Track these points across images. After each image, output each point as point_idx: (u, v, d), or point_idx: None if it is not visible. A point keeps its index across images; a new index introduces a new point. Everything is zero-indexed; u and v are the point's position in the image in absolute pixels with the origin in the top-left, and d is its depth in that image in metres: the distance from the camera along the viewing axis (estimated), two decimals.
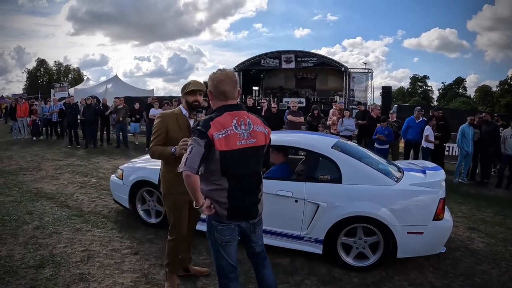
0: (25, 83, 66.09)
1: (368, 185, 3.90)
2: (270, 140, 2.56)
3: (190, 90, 3.21)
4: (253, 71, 21.28)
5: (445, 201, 3.99)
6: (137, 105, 13.26)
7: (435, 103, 62.54)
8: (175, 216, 3.31)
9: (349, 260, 3.95)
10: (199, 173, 2.33)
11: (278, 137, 4.87)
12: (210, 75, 2.46)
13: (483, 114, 9.47)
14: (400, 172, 4.34)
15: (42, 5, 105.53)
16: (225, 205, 2.38)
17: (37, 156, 10.55)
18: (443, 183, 4.10)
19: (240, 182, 2.39)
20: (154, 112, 11.88)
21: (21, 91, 41.32)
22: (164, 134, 3.19)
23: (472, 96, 64.35)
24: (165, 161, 3.24)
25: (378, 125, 9.30)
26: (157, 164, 5.02)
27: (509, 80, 59.38)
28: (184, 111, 3.29)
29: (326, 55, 21.22)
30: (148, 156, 6.27)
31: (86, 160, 10.05)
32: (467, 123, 8.95)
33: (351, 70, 19.18)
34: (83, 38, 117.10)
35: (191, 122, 3.27)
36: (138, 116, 13.25)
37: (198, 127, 2.30)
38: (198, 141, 2.26)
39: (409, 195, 3.89)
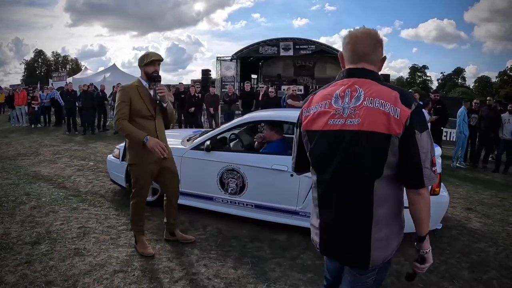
0: (23, 74, 65.87)
1: None
2: (410, 132, 1.47)
3: (150, 61, 3.32)
4: (251, 59, 21.06)
5: (441, 177, 3.98)
6: None
7: None
8: (140, 184, 3.48)
9: None
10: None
11: (274, 114, 4.88)
12: (344, 35, 1.71)
13: (488, 98, 9.47)
14: None
15: None
16: (318, 219, 1.71)
17: (35, 142, 10.53)
18: (439, 159, 4.08)
19: (330, 187, 1.62)
20: None
21: (19, 82, 41.24)
22: (127, 105, 3.27)
23: (471, 87, 64.24)
24: (131, 141, 3.34)
25: None
26: None
27: (508, 71, 59.36)
28: (144, 83, 3.40)
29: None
30: None
31: (84, 145, 10.04)
32: (463, 107, 9.00)
33: None
34: (81, 29, 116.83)
35: (151, 92, 3.40)
36: None
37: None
38: (295, 132, 1.80)
39: None
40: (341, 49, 1.73)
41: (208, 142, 4.33)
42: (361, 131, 1.49)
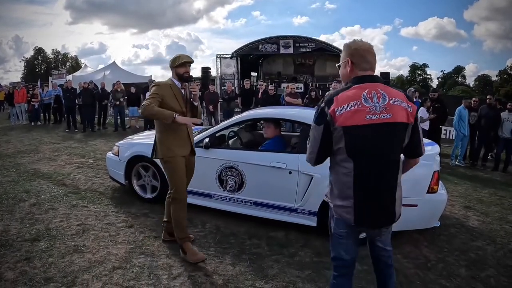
0: (23, 72, 65.77)
1: None
2: (416, 120, 2.08)
3: (181, 62, 3.40)
4: (251, 57, 21.02)
5: (440, 175, 3.98)
6: (133, 89, 13.13)
7: None
8: (178, 177, 3.41)
9: None
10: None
11: (273, 111, 4.88)
12: (348, 44, 2.13)
13: (488, 97, 9.47)
14: None
15: None
16: (350, 199, 2.06)
17: (35, 140, 10.53)
18: (437, 157, 4.08)
19: (369, 168, 2.02)
20: None
21: (19, 80, 41.16)
22: (160, 99, 3.29)
23: (471, 85, 64.19)
24: (159, 120, 3.31)
25: None
26: (153, 139, 5.07)
27: (508, 70, 59.33)
28: (176, 82, 3.47)
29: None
30: (146, 132, 6.32)
31: (83, 143, 10.05)
32: (462, 105, 8.99)
33: None
34: (81, 26, 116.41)
35: (182, 91, 3.46)
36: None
37: (322, 105, 2.04)
38: (316, 129, 2.05)
39: None
40: (342, 49, 2.15)
41: (207, 140, 4.33)
42: (394, 122, 1.98)
